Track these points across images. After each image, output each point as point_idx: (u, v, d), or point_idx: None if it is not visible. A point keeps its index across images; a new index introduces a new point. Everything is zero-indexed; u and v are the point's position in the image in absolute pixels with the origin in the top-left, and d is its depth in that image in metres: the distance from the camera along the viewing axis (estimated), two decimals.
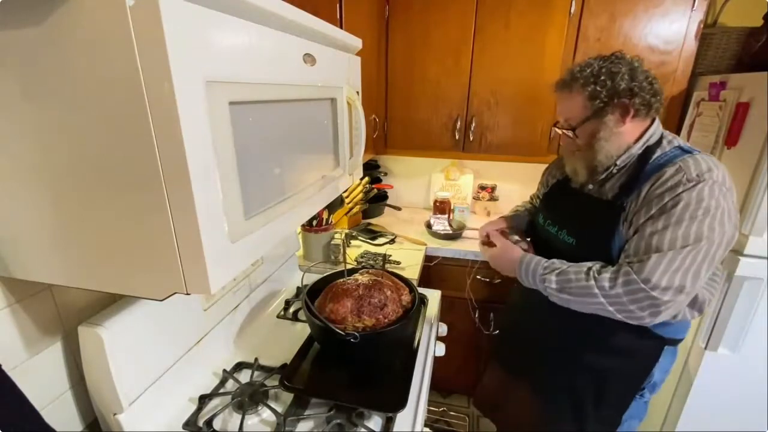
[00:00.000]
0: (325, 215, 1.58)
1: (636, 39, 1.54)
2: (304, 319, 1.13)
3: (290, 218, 0.69)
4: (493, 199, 2.19)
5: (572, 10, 1.55)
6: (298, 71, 0.67)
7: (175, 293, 0.50)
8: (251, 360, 0.98)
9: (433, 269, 1.79)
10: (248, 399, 0.85)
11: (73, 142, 0.46)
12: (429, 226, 1.92)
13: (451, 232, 1.86)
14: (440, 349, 1.17)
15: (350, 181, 0.98)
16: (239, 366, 0.98)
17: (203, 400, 0.86)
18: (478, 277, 1.74)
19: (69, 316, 0.74)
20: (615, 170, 0.96)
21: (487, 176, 2.21)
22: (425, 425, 0.96)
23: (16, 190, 0.52)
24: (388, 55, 1.81)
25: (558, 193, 1.13)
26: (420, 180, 2.31)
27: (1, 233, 0.56)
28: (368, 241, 1.82)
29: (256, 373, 0.95)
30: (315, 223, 1.55)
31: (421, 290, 1.26)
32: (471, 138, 1.83)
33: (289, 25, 0.62)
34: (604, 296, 0.86)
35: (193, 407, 0.85)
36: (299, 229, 1.58)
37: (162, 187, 0.44)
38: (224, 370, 0.94)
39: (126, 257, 0.50)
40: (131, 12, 0.38)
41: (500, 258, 1.07)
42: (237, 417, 0.82)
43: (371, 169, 2.18)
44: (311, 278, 1.11)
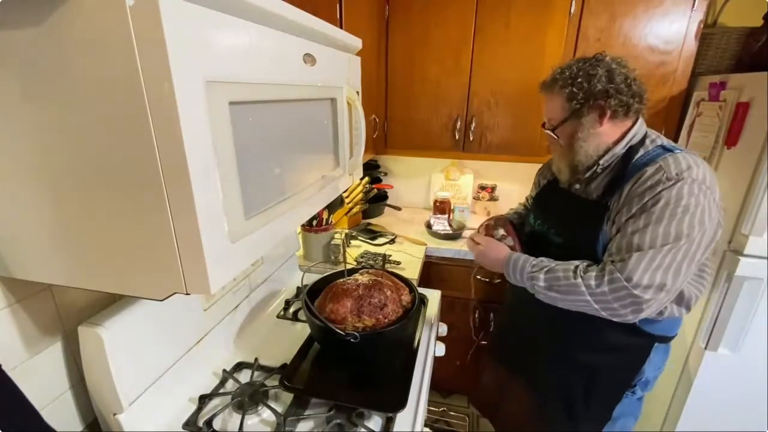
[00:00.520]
0: (325, 215, 1.58)
1: (636, 39, 1.54)
2: (304, 319, 1.13)
3: (290, 218, 0.69)
4: (493, 199, 2.19)
5: (572, 10, 1.55)
6: (298, 71, 0.67)
7: (175, 293, 0.50)
8: (251, 360, 0.98)
9: (433, 269, 1.79)
10: (248, 399, 0.85)
11: (73, 142, 0.46)
12: (429, 226, 1.92)
13: (451, 232, 1.86)
14: (440, 349, 1.17)
15: (350, 181, 0.98)
16: (239, 366, 0.98)
17: (203, 400, 0.86)
18: (478, 277, 1.74)
19: (69, 316, 0.74)
20: (599, 170, 0.97)
21: (487, 176, 2.21)
22: (425, 425, 0.96)
23: (16, 190, 0.52)
24: (388, 55, 1.81)
25: (547, 193, 1.16)
26: (420, 180, 2.31)
27: (1, 233, 0.56)
28: (368, 241, 1.82)
29: (256, 373, 0.95)
30: (315, 223, 1.55)
31: (421, 290, 1.26)
32: (471, 138, 1.83)
33: (289, 25, 0.62)
34: (591, 294, 0.87)
35: (193, 407, 0.85)
36: (299, 229, 1.58)
37: (162, 187, 0.44)
38: (224, 370, 0.94)
39: (126, 257, 0.50)
40: (131, 12, 0.38)
41: (485, 256, 1.08)
42: (237, 417, 0.82)
43: (371, 169, 2.18)
44: (311, 278, 1.11)
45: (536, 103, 1.70)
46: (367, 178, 2.02)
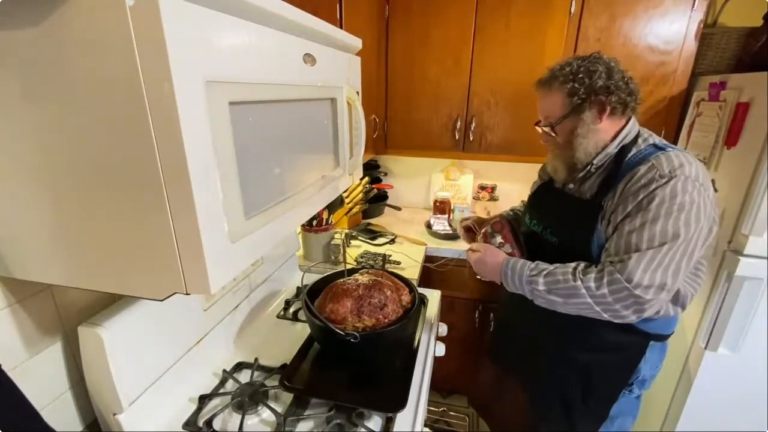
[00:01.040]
0: (325, 215, 1.58)
1: (636, 39, 1.54)
2: (304, 319, 1.13)
3: (290, 218, 0.69)
4: (493, 199, 2.19)
5: (572, 10, 1.55)
6: (298, 71, 0.67)
7: (175, 293, 0.50)
8: (251, 360, 0.98)
9: (433, 269, 1.79)
10: (248, 399, 0.85)
11: (73, 142, 0.46)
12: (429, 226, 1.92)
13: (451, 232, 1.86)
14: (440, 349, 1.17)
15: (350, 181, 0.98)
16: (239, 366, 0.98)
17: (203, 400, 0.86)
18: (478, 276, 1.73)
19: (69, 316, 0.74)
20: (593, 169, 0.98)
21: (487, 176, 2.21)
22: (425, 425, 0.96)
23: (16, 190, 0.52)
24: (388, 55, 1.81)
25: (542, 194, 1.16)
26: (420, 180, 2.31)
27: (1, 233, 0.56)
28: (368, 241, 1.82)
29: (256, 373, 0.95)
30: (315, 223, 1.55)
31: (421, 290, 1.26)
32: (471, 138, 1.83)
33: (289, 25, 0.62)
34: (591, 296, 0.86)
35: (193, 407, 0.85)
36: (299, 229, 1.58)
37: (162, 187, 0.44)
38: (224, 370, 0.94)
39: (126, 257, 0.50)
40: (131, 12, 0.38)
41: (483, 263, 1.05)
42: (237, 417, 0.82)
43: (371, 169, 2.18)
44: (311, 278, 1.11)
45: (536, 103, 1.70)
46: (367, 178, 2.02)
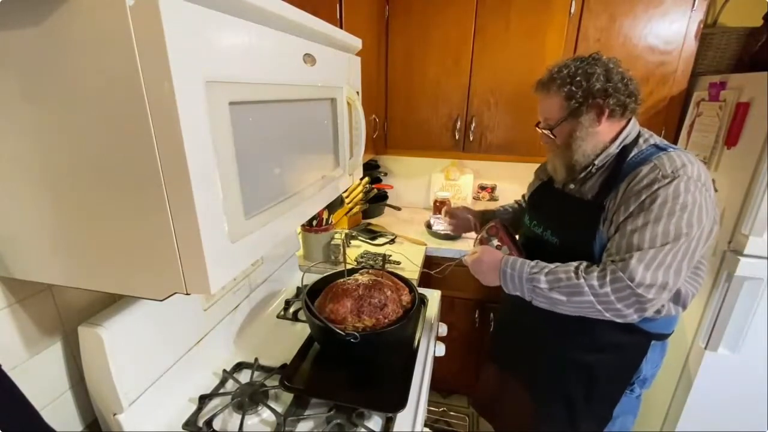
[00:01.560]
0: (325, 215, 1.58)
1: (636, 39, 1.54)
2: (304, 319, 1.13)
3: (290, 218, 0.69)
4: (493, 199, 2.19)
5: (572, 11, 1.55)
6: (298, 71, 0.67)
7: (175, 293, 0.50)
8: (251, 360, 0.98)
9: (433, 269, 1.78)
10: (248, 399, 0.85)
11: (73, 142, 0.46)
12: (429, 226, 1.92)
13: (451, 232, 1.86)
14: (440, 349, 1.17)
15: (350, 181, 0.98)
16: (239, 366, 0.98)
17: (203, 400, 0.86)
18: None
19: (69, 316, 0.74)
20: (594, 170, 0.97)
21: (487, 176, 2.21)
22: (425, 425, 0.96)
23: (16, 190, 0.52)
24: (388, 55, 1.81)
25: (542, 194, 1.15)
26: (420, 180, 2.31)
27: (1, 233, 0.56)
28: (368, 241, 1.82)
29: (256, 373, 0.95)
30: (315, 223, 1.55)
31: (421, 290, 1.27)
32: (471, 138, 1.83)
33: (289, 25, 0.62)
34: (594, 295, 0.86)
35: (193, 407, 0.85)
36: (299, 229, 1.58)
37: (162, 187, 0.44)
38: (224, 370, 0.94)
39: (126, 257, 0.50)
40: (131, 12, 0.38)
41: (480, 262, 1.03)
42: (237, 417, 0.82)
43: (371, 169, 2.18)
44: (311, 278, 1.11)
45: (536, 104, 1.69)
46: (367, 178, 2.02)
